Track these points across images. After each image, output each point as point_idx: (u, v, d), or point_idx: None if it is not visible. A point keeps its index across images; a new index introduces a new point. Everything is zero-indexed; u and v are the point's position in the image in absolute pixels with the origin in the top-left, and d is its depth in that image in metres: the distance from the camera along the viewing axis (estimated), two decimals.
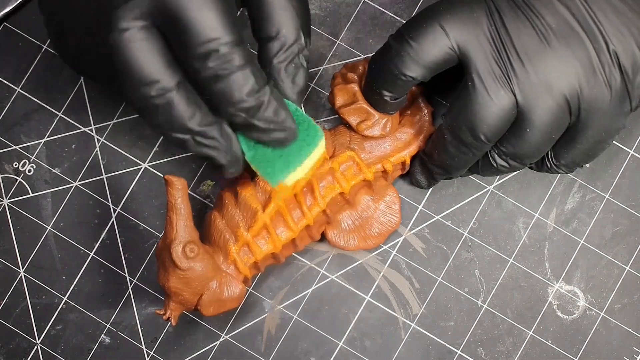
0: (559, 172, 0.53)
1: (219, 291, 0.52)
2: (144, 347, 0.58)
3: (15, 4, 0.59)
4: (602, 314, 0.57)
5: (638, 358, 0.57)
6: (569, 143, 0.51)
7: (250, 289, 0.57)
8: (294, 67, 0.48)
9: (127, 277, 0.58)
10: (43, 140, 0.59)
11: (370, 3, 0.59)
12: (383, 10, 0.59)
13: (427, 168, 0.55)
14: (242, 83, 0.44)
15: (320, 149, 0.48)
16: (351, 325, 0.57)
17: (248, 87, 0.44)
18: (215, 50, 0.43)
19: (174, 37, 0.44)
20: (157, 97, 0.44)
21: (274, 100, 0.46)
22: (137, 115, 0.59)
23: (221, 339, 0.57)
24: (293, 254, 0.57)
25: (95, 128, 0.59)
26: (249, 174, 0.53)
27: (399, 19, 0.59)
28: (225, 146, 0.47)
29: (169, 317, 0.52)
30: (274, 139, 0.47)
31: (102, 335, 0.58)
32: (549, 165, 0.53)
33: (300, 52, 0.48)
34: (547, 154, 0.52)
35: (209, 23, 0.43)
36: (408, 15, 0.59)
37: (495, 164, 0.52)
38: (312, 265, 0.58)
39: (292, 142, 0.48)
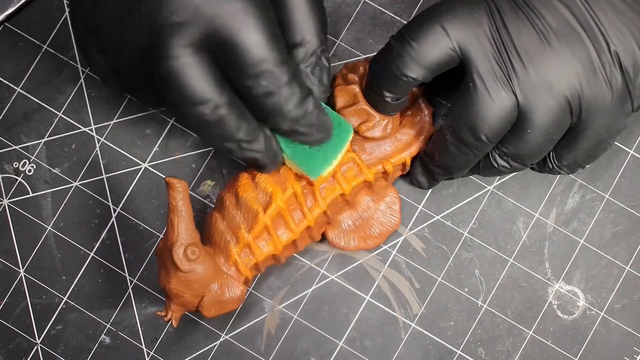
0: (560, 173, 0.53)
1: (220, 292, 0.52)
2: (144, 347, 0.58)
3: (17, 5, 0.59)
4: (602, 314, 0.57)
5: (638, 358, 0.57)
6: (570, 143, 0.51)
7: (250, 289, 0.57)
8: (318, 69, 0.51)
9: (127, 277, 0.58)
10: (43, 140, 0.59)
11: (371, 3, 0.59)
12: (383, 10, 0.59)
13: (427, 169, 0.55)
14: (289, 97, 0.48)
15: (349, 141, 0.52)
16: (351, 325, 0.57)
17: (295, 99, 0.48)
18: (265, 71, 0.46)
19: (225, 59, 0.47)
20: (210, 115, 0.47)
21: (315, 106, 0.49)
22: (137, 115, 0.59)
23: (221, 339, 0.57)
24: (293, 254, 0.57)
25: (95, 128, 0.59)
26: (249, 174, 0.53)
27: (399, 19, 0.59)
28: (267, 148, 0.50)
29: (170, 319, 0.52)
30: (315, 140, 0.50)
31: (102, 335, 0.58)
32: (550, 166, 0.53)
33: (323, 54, 0.51)
34: (549, 154, 0.52)
35: (258, 47, 0.46)
36: (408, 15, 0.59)
37: (496, 165, 0.52)
38: (312, 265, 0.58)
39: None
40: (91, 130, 0.59)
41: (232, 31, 0.46)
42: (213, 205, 0.58)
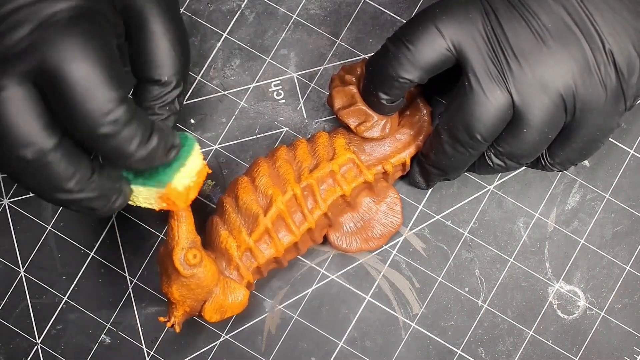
0: (552, 170, 0.53)
1: (223, 297, 0.52)
2: (144, 347, 0.58)
3: None
4: (602, 313, 0.57)
5: (638, 358, 0.57)
6: (563, 142, 0.51)
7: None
8: (167, 110, 0.49)
9: (127, 277, 0.58)
10: None
11: (371, 3, 0.59)
12: (383, 10, 0.59)
13: (425, 169, 0.54)
14: (130, 138, 0.44)
15: (195, 152, 0.49)
16: (351, 325, 0.57)
17: (137, 140, 0.44)
18: (98, 109, 0.42)
19: (55, 96, 0.43)
20: (33, 160, 0.43)
21: (159, 139, 0.45)
22: None
23: (221, 339, 0.57)
24: (295, 257, 0.57)
25: None
26: (249, 177, 0.53)
27: (399, 18, 0.59)
28: (102, 194, 0.46)
29: (173, 324, 0.52)
30: (164, 162, 0.47)
31: (102, 335, 0.58)
32: (543, 163, 0.53)
33: (177, 98, 0.49)
34: (542, 152, 0.52)
35: (87, 81, 0.42)
36: (408, 15, 0.59)
37: (491, 164, 0.52)
38: (313, 265, 0.58)
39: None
40: None
41: (60, 62, 0.42)
42: (213, 205, 0.58)
